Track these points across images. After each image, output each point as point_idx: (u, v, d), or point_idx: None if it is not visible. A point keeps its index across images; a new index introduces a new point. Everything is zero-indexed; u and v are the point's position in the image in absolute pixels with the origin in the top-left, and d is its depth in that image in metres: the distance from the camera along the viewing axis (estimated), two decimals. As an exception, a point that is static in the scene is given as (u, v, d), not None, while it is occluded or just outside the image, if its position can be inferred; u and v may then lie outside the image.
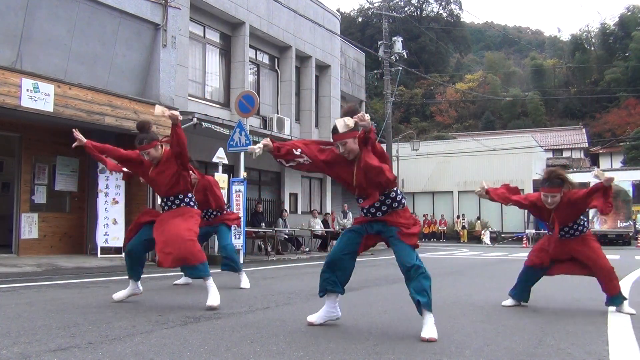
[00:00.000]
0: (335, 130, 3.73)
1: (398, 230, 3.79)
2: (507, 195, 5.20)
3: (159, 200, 5.68)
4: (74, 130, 5.18)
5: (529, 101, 51.67)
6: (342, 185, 3.99)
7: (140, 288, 5.17)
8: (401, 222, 3.81)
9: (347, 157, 3.82)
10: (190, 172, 5.30)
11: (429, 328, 3.57)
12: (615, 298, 4.97)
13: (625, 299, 5.01)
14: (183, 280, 6.75)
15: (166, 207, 4.97)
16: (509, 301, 5.35)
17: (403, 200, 3.90)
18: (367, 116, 3.61)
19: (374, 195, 3.81)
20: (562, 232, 5.08)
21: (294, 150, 3.91)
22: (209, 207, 6.75)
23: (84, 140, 5.12)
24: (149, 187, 11.33)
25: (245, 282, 6.58)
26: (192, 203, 5.04)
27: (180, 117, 4.91)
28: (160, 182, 4.94)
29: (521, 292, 5.31)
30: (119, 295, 5.07)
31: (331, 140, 3.93)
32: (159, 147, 4.98)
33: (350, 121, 3.58)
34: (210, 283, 4.76)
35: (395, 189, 3.88)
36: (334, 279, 3.97)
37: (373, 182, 3.77)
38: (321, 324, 3.99)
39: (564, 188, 4.86)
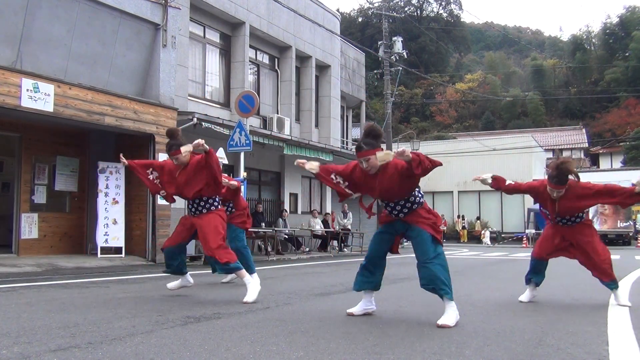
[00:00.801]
0: (359, 147, 4.10)
1: (420, 223, 4.22)
2: (507, 183, 5.40)
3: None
4: (120, 155, 5.60)
5: (529, 101, 51.67)
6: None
7: (190, 280, 5.74)
8: (422, 219, 4.23)
9: (369, 172, 4.16)
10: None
11: (445, 315, 4.03)
12: (609, 284, 5.28)
13: (617, 286, 5.31)
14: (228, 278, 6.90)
15: (192, 209, 5.32)
16: (527, 294, 5.56)
17: (422, 200, 4.30)
18: (408, 150, 3.92)
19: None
20: (563, 220, 5.29)
21: (332, 175, 4.43)
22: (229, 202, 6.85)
23: (126, 162, 5.52)
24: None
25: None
26: (216, 204, 5.38)
27: (204, 145, 5.16)
28: (187, 191, 5.26)
29: (537, 275, 5.56)
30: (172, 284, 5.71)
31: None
32: (188, 153, 5.26)
33: (389, 156, 4.02)
34: (247, 278, 5.23)
35: (416, 190, 4.27)
36: (372, 279, 4.49)
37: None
38: (360, 315, 4.43)
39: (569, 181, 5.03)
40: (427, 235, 4.17)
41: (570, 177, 5.01)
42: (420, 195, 4.27)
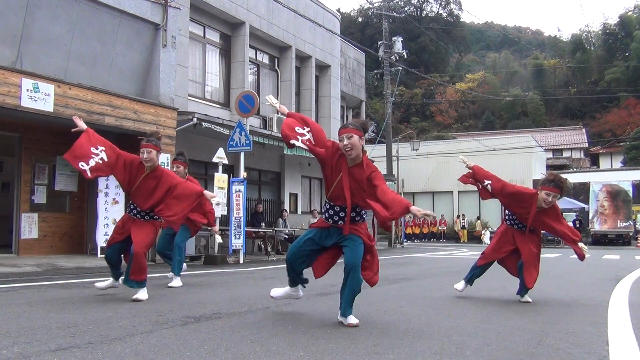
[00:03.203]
0: (345, 125, 3.97)
1: (359, 233, 4.04)
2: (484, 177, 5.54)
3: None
4: (74, 117, 5.43)
5: (529, 101, 51.68)
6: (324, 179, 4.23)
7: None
8: (362, 230, 4.08)
9: (348, 154, 3.92)
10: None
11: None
12: (524, 290, 5.51)
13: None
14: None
15: (134, 214, 5.25)
16: (461, 284, 5.92)
17: (364, 215, 4.16)
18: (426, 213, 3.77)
19: (348, 207, 4.01)
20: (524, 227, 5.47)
21: (303, 126, 4.16)
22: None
23: (84, 126, 5.36)
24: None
25: (176, 282, 6.54)
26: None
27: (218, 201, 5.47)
28: (141, 201, 5.18)
29: (471, 279, 5.91)
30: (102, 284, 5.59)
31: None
32: (158, 155, 5.20)
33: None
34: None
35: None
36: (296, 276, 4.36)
37: (362, 201, 3.99)
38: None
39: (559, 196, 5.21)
40: (362, 245, 3.98)
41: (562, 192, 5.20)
42: (364, 212, 4.14)
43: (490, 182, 5.47)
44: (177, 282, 6.52)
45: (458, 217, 30.77)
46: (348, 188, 3.96)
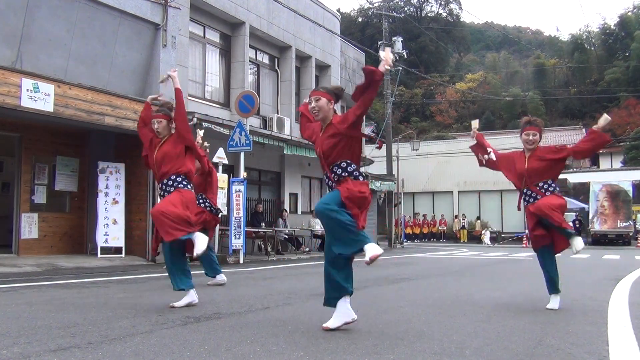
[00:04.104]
0: (316, 88, 4.02)
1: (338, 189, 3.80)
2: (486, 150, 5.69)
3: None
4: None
5: (529, 101, 51.67)
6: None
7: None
8: (341, 187, 3.80)
9: (315, 115, 3.95)
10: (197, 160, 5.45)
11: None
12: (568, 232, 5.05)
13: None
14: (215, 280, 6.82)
15: (161, 193, 4.94)
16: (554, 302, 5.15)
17: (355, 174, 3.87)
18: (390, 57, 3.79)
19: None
20: (527, 193, 5.20)
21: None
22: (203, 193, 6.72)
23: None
24: (148, 187, 11.34)
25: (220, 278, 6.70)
26: (185, 183, 4.93)
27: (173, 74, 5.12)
28: (161, 162, 4.90)
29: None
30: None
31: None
32: (172, 124, 5.01)
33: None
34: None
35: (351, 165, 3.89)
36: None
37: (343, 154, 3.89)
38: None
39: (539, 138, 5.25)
40: (337, 193, 3.81)
41: (541, 132, 5.25)
42: (354, 167, 3.88)
43: (491, 149, 5.74)
44: (220, 278, 6.76)
45: (456, 216, 30.75)
46: (321, 149, 3.94)
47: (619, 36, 54.61)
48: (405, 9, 58.84)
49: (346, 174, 3.86)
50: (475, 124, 5.84)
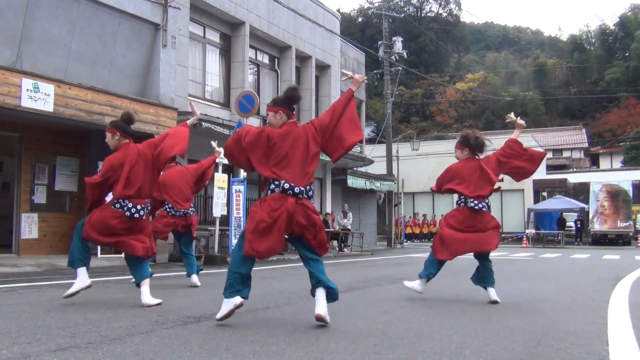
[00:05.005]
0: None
1: None
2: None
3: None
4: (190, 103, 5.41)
5: (529, 101, 51.69)
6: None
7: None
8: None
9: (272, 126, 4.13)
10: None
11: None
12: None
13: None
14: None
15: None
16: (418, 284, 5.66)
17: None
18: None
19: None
20: (475, 202, 5.43)
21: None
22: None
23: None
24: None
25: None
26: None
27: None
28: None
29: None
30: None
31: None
32: (115, 135, 5.16)
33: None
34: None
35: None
36: None
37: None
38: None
39: (475, 155, 5.50)
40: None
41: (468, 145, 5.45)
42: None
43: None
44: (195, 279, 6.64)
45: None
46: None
47: (618, 36, 54.62)
48: (405, 9, 58.86)
49: None
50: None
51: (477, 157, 5.56)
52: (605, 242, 27.06)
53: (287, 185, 3.85)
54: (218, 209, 11.35)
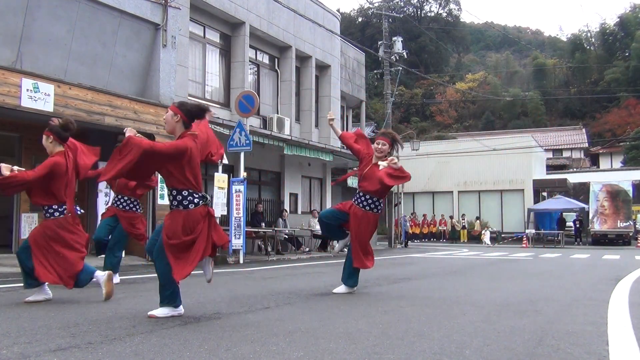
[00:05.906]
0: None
1: None
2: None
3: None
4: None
5: (529, 101, 51.70)
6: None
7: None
8: None
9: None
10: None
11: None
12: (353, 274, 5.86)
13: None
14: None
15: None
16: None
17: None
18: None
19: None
20: (360, 199, 5.77)
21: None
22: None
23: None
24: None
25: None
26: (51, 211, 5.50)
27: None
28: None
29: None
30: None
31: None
32: (49, 138, 5.34)
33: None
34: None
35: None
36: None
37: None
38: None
39: (391, 150, 5.74)
40: None
41: (394, 144, 5.76)
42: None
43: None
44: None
45: (451, 216, 30.66)
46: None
47: (618, 36, 54.62)
48: (405, 9, 58.88)
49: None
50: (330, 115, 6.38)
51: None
52: (605, 242, 27.06)
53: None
54: (218, 209, 11.34)
